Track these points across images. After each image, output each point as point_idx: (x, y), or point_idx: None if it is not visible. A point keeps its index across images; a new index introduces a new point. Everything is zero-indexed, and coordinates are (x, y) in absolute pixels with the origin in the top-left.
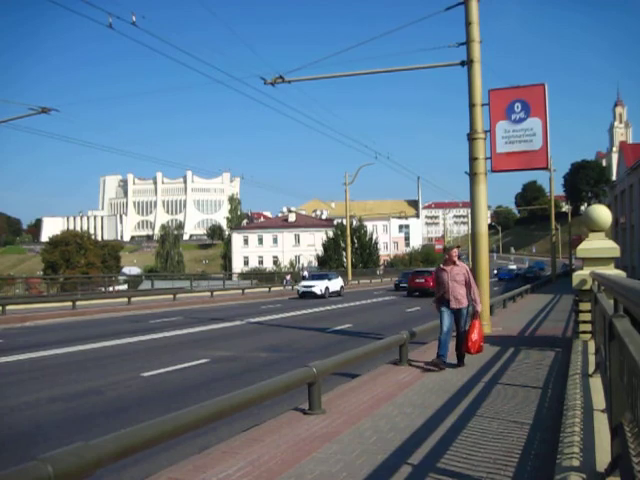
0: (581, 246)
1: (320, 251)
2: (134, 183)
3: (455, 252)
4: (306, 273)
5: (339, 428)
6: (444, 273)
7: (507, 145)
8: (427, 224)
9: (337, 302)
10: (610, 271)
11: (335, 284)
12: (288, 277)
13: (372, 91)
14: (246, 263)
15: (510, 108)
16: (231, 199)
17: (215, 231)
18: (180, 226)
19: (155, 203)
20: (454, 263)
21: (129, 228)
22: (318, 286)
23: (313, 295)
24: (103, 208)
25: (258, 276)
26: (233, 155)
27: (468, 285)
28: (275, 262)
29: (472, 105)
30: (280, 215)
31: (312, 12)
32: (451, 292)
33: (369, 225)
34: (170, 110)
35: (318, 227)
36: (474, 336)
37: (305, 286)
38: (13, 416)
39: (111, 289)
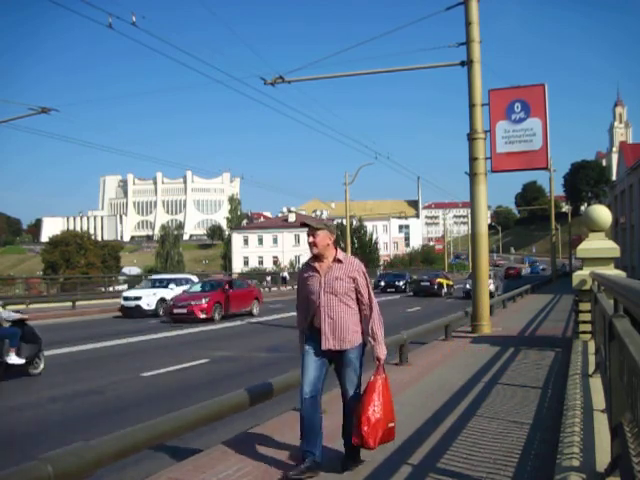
0: (581, 246)
1: None
2: (134, 183)
3: (325, 235)
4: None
5: (339, 428)
6: (313, 278)
7: (507, 145)
8: (427, 224)
9: None
10: (610, 271)
11: None
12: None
13: (372, 91)
14: (246, 263)
15: (510, 108)
16: (231, 199)
17: (215, 231)
18: (180, 226)
19: (155, 203)
20: (334, 258)
21: (129, 228)
22: None
23: None
24: (103, 208)
25: (258, 276)
26: (233, 155)
27: (365, 303)
28: (275, 262)
29: (472, 105)
30: (280, 215)
31: (312, 12)
32: (324, 316)
33: (369, 225)
34: (170, 110)
35: None
36: (373, 412)
37: None
38: (13, 416)
39: (111, 289)
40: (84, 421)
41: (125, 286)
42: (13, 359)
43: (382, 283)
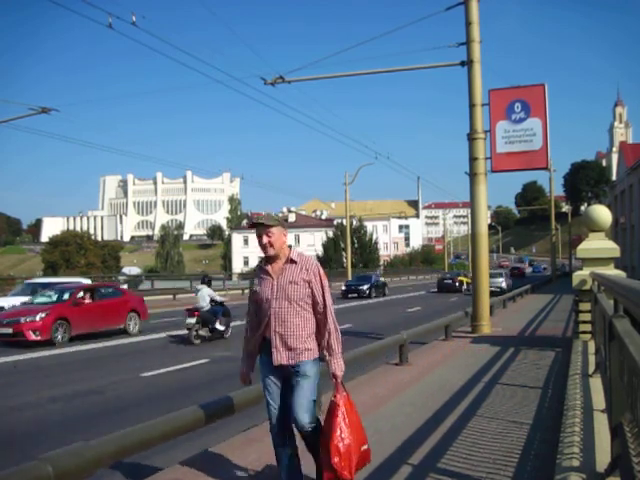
0: (581, 246)
1: (320, 251)
2: (134, 183)
3: (281, 232)
4: None
5: None
6: (265, 282)
7: (507, 145)
8: (427, 224)
9: (337, 302)
10: (610, 271)
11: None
12: None
13: (372, 91)
14: (246, 263)
15: (510, 108)
16: (231, 199)
17: (215, 231)
18: (180, 226)
19: (155, 203)
20: (288, 258)
21: (129, 228)
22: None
23: None
24: (103, 208)
25: None
26: (233, 155)
27: (320, 311)
28: None
29: (472, 105)
30: (280, 215)
31: (312, 12)
32: (275, 326)
33: (369, 225)
34: (170, 110)
35: (318, 227)
36: (341, 438)
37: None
38: (13, 416)
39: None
40: (84, 421)
41: (125, 286)
42: (218, 326)
43: (343, 287)
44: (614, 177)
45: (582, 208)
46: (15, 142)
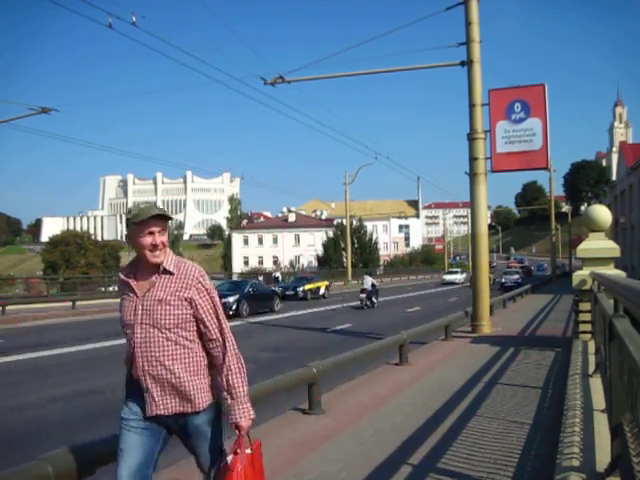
0: (581, 246)
1: (320, 251)
2: (134, 183)
3: (157, 232)
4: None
5: (339, 428)
6: (127, 301)
7: (507, 145)
8: (427, 224)
9: (337, 302)
10: (610, 271)
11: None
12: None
13: (372, 91)
14: (246, 263)
15: (510, 108)
16: (231, 199)
17: (215, 231)
18: (180, 226)
19: (155, 203)
20: (159, 267)
21: None
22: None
23: None
24: (103, 208)
25: (258, 276)
26: (233, 155)
27: (214, 338)
28: (275, 262)
29: (472, 105)
30: (280, 215)
31: (312, 12)
32: (142, 364)
33: (369, 225)
34: (170, 110)
35: (318, 227)
36: None
37: None
38: (14, 416)
39: (111, 289)
40: (84, 421)
41: None
42: (374, 299)
43: None
44: (614, 177)
45: (582, 208)
46: (15, 142)
